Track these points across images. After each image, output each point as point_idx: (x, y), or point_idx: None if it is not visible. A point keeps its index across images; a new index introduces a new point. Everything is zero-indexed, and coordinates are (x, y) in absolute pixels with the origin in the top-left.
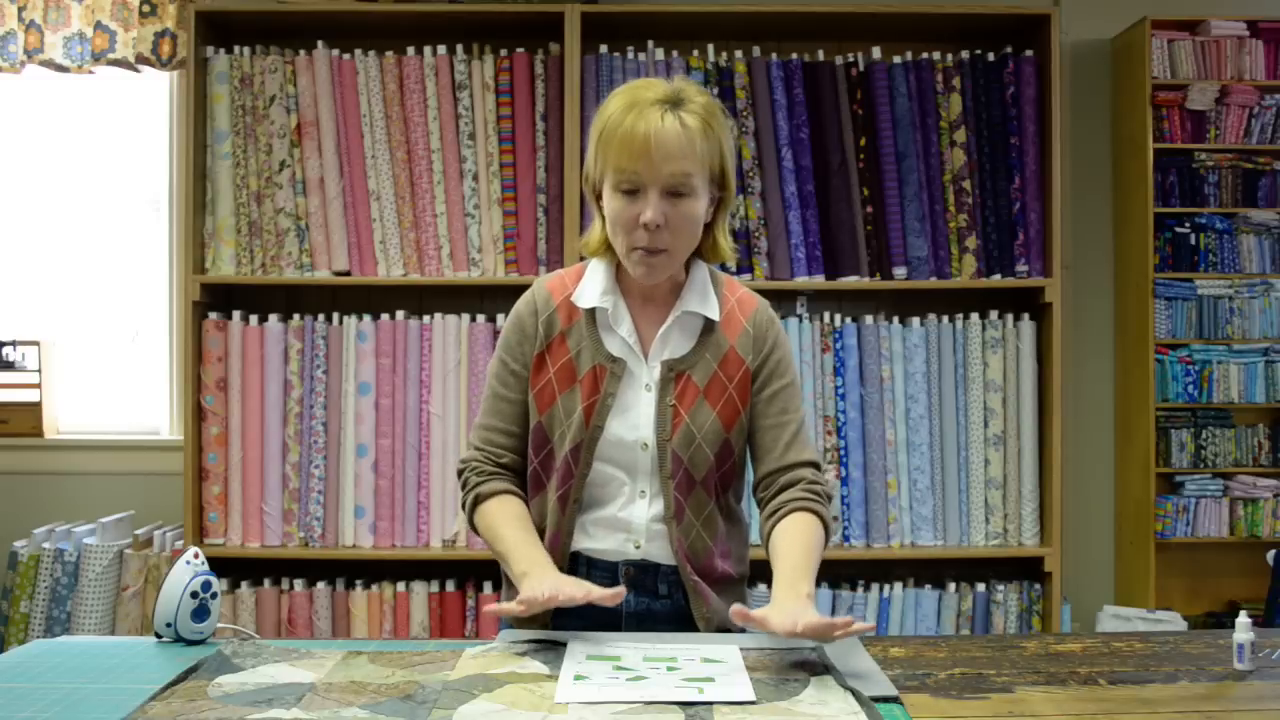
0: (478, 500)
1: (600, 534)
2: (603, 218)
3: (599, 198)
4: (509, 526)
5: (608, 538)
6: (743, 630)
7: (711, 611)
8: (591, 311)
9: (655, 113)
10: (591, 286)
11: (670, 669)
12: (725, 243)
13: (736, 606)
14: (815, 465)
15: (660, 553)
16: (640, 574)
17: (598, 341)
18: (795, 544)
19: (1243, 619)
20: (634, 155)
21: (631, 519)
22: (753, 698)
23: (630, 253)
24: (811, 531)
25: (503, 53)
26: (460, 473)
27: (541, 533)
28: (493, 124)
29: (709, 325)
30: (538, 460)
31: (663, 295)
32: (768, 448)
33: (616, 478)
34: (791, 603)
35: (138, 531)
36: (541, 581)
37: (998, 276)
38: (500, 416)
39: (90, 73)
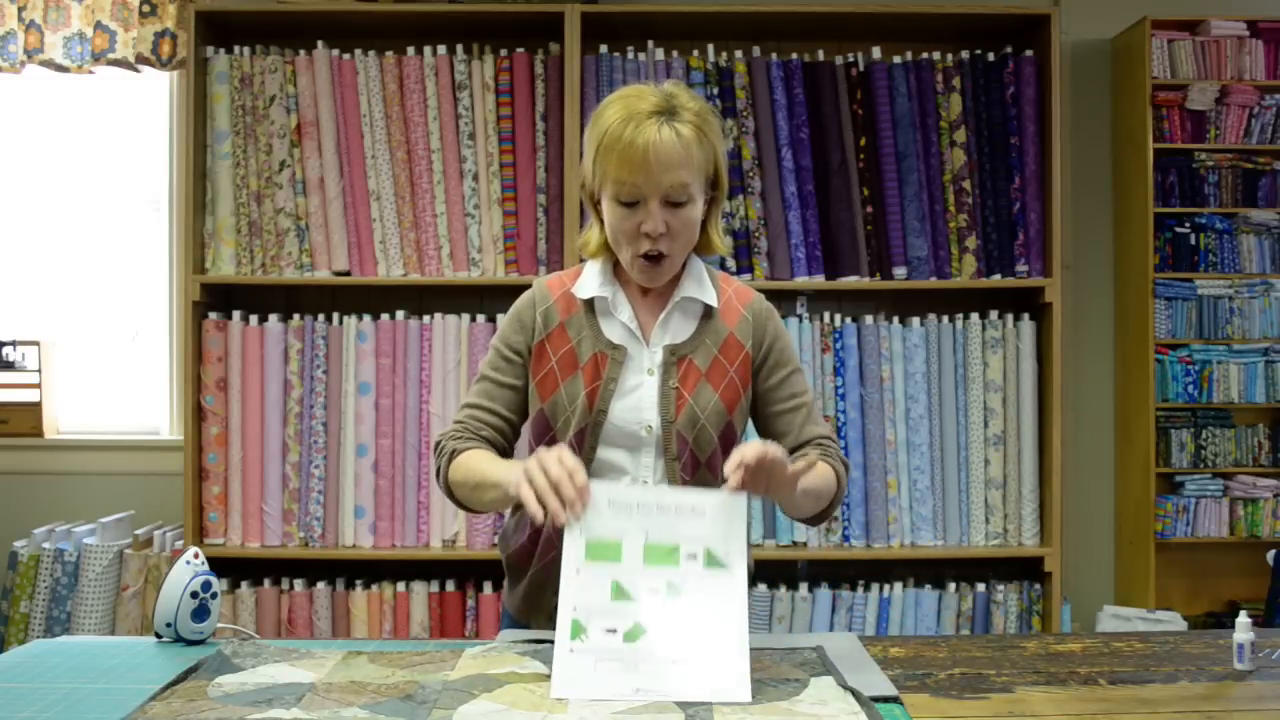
0: (452, 457)
1: None
2: (601, 223)
3: (597, 204)
4: (487, 460)
5: None
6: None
7: None
8: (590, 304)
9: (652, 126)
10: (590, 279)
11: (670, 590)
12: (719, 238)
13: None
14: (830, 439)
15: None
16: None
17: (597, 330)
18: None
19: (1243, 619)
20: (633, 168)
21: None
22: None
23: (634, 261)
24: (824, 467)
25: (503, 53)
26: (436, 445)
27: (541, 524)
28: (493, 124)
29: (708, 312)
30: (539, 449)
31: (661, 286)
32: (783, 430)
33: (618, 465)
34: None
35: (138, 531)
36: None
37: (998, 276)
38: (486, 396)
39: (90, 73)
